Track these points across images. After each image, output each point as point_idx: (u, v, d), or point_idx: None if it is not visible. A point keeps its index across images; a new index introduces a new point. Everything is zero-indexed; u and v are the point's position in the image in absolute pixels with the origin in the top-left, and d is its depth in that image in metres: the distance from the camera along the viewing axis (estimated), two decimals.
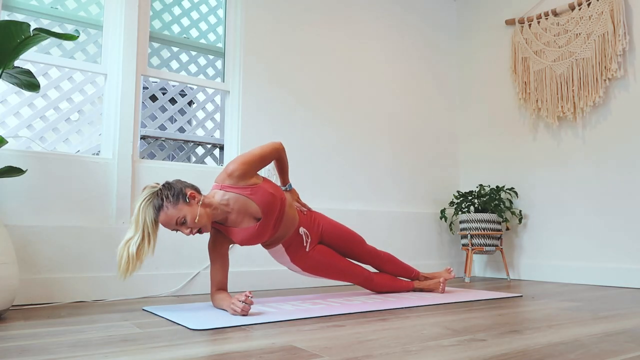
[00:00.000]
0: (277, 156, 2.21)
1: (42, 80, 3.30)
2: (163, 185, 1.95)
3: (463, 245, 3.57)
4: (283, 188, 2.33)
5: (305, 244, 2.27)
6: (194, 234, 1.95)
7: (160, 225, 1.94)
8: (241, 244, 2.14)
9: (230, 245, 2.26)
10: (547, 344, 1.37)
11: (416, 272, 2.63)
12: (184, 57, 3.10)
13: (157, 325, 1.70)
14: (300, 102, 3.28)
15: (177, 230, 1.94)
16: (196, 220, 1.91)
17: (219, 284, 2.08)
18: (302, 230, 2.27)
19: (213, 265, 2.09)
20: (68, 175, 2.48)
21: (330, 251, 2.36)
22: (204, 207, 1.96)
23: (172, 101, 5.87)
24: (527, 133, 3.61)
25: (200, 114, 4.62)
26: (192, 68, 3.11)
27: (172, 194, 1.90)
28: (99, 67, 2.70)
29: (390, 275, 2.57)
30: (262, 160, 2.11)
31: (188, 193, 1.93)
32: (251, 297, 1.81)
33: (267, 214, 2.07)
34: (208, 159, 4.65)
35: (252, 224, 2.08)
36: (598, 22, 3.19)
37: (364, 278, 2.44)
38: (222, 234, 2.12)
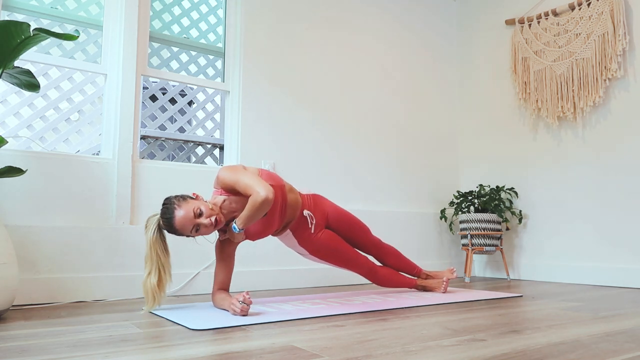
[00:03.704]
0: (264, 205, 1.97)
1: (42, 80, 3.30)
2: (165, 199, 2.00)
3: (463, 245, 3.57)
4: (235, 229, 2.00)
5: (310, 226, 2.27)
6: (214, 226, 1.94)
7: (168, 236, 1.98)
8: (253, 239, 2.16)
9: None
10: (547, 344, 1.37)
11: (418, 269, 2.63)
12: (184, 57, 3.10)
13: (157, 325, 1.70)
14: (300, 102, 3.28)
15: (197, 228, 1.93)
16: (210, 207, 1.95)
17: (221, 284, 2.08)
18: (306, 212, 2.27)
19: (218, 264, 2.10)
20: (68, 175, 2.48)
21: (337, 237, 2.36)
22: (211, 204, 2.01)
23: (172, 101, 5.87)
24: (527, 133, 3.61)
25: (200, 114, 4.62)
26: (192, 68, 3.11)
27: (179, 197, 1.98)
28: (99, 67, 2.70)
29: (393, 269, 2.57)
30: (245, 189, 1.98)
31: (191, 194, 2.04)
32: (249, 297, 1.82)
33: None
34: (208, 159, 4.65)
35: None
36: (598, 22, 3.19)
37: (368, 269, 2.43)
38: None
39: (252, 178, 1.99)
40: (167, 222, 1.93)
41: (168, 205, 1.95)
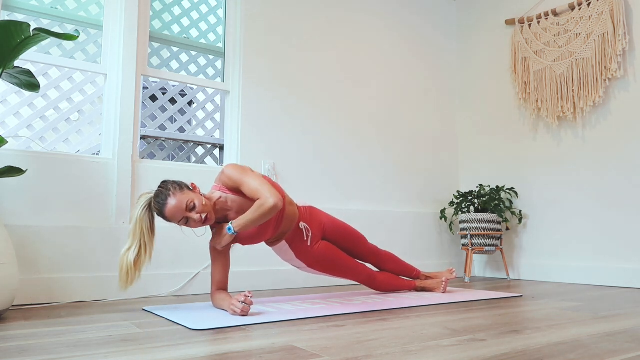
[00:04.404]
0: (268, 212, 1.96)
1: (42, 80, 3.30)
2: (162, 182, 1.98)
3: (463, 245, 3.57)
4: (230, 230, 1.97)
5: (306, 238, 2.27)
6: (202, 222, 1.92)
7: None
8: (243, 244, 2.14)
9: (232, 245, 2.26)
10: (547, 344, 1.37)
11: (417, 271, 2.63)
12: (184, 57, 3.10)
13: (157, 325, 1.70)
14: (300, 102, 3.28)
15: (186, 220, 1.92)
16: (204, 203, 1.93)
17: (219, 284, 2.08)
18: (302, 224, 2.26)
19: (214, 265, 2.09)
20: (68, 175, 2.48)
21: (334, 248, 2.36)
22: (206, 198, 2.00)
23: (172, 101, 5.87)
24: (527, 133, 3.61)
25: (200, 114, 4.62)
26: (192, 68, 3.11)
27: (177, 184, 1.95)
28: (99, 67, 2.70)
29: (392, 274, 2.57)
30: (254, 192, 1.97)
31: (189, 184, 2.00)
32: (251, 297, 1.81)
33: None
34: (208, 159, 4.65)
35: None
36: (598, 22, 3.19)
37: (367, 276, 2.43)
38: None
39: (261, 182, 1.97)
40: (158, 206, 1.91)
41: (163, 190, 1.92)
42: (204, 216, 1.92)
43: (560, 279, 3.31)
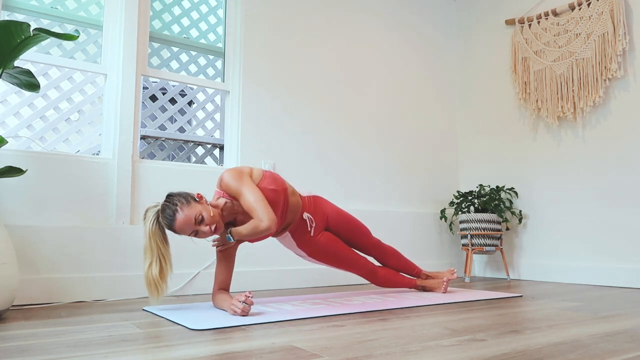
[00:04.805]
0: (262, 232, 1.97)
1: (42, 80, 3.29)
2: (168, 195, 1.96)
3: (463, 245, 3.57)
4: (230, 239, 2.03)
5: (309, 229, 2.27)
6: (212, 231, 1.93)
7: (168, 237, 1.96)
8: (252, 241, 2.15)
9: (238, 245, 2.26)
10: (547, 344, 1.37)
11: (418, 270, 2.63)
12: (184, 57, 3.10)
13: (157, 325, 1.70)
14: (300, 102, 3.28)
15: (195, 233, 1.92)
16: (212, 214, 1.92)
17: (222, 284, 2.08)
18: (305, 215, 2.27)
19: (219, 264, 2.10)
20: (68, 175, 2.48)
21: (337, 239, 2.36)
22: (212, 207, 1.99)
23: (172, 101, 5.87)
24: (527, 133, 3.61)
25: (200, 114, 4.62)
26: (192, 68, 3.11)
27: (182, 197, 1.93)
28: (99, 67, 2.70)
29: (393, 270, 2.57)
30: (249, 209, 1.97)
31: (195, 195, 1.98)
32: (251, 298, 1.81)
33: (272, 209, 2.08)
34: (208, 159, 4.65)
35: None
36: (598, 22, 3.19)
37: (368, 270, 2.43)
38: None
39: (257, 200, 1.96)
40: (166, 221, 1.90)
41: (170, 205, 1.91)
42: (213, 227, 1.92)
43: (560, 279, 3.31)
